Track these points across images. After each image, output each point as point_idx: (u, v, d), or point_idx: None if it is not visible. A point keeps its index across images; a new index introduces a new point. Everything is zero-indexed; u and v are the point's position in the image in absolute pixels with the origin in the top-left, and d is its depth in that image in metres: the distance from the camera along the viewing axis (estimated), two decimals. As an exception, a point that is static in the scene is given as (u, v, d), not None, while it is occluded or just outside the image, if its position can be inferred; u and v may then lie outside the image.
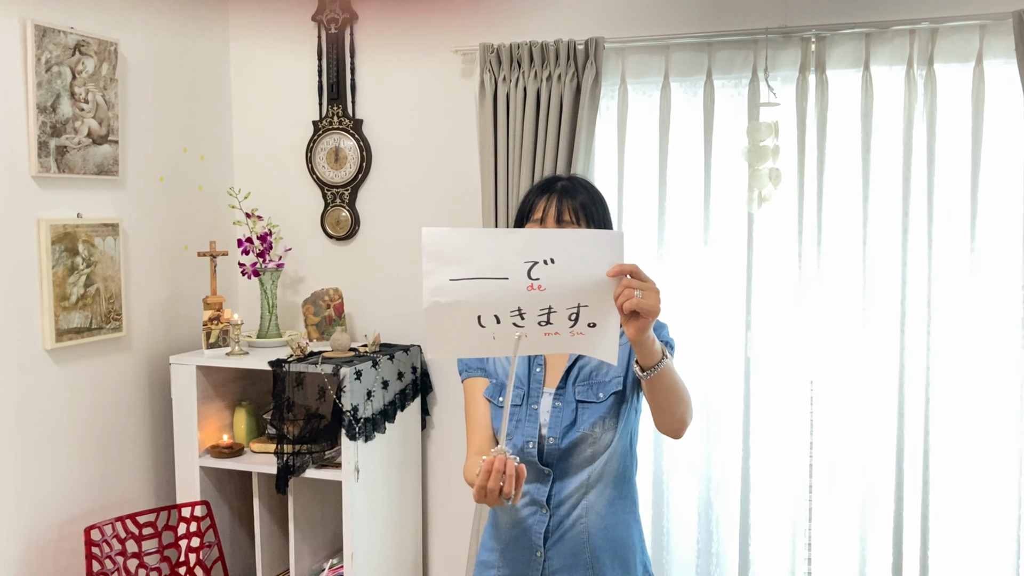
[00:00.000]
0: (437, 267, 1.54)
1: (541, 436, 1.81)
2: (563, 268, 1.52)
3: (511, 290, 1.53)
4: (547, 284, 1.52)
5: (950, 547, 2.90)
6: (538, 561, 1.82)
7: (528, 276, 1.52)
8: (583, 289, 1.53)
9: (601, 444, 1.82)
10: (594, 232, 1.65)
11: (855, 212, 2.90)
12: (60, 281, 2.81)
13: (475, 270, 1.53)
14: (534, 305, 1.53)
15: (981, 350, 2.83)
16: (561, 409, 1.82)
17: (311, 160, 3.52)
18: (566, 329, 1.55)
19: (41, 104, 2.72)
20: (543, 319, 1.54)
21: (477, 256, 1.53)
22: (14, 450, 2.72)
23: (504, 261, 1.52)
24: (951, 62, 2.78)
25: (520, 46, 3.05)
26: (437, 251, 1.55)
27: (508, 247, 1.53)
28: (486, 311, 1.54)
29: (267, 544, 3.27)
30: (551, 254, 1.51)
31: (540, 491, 1.82)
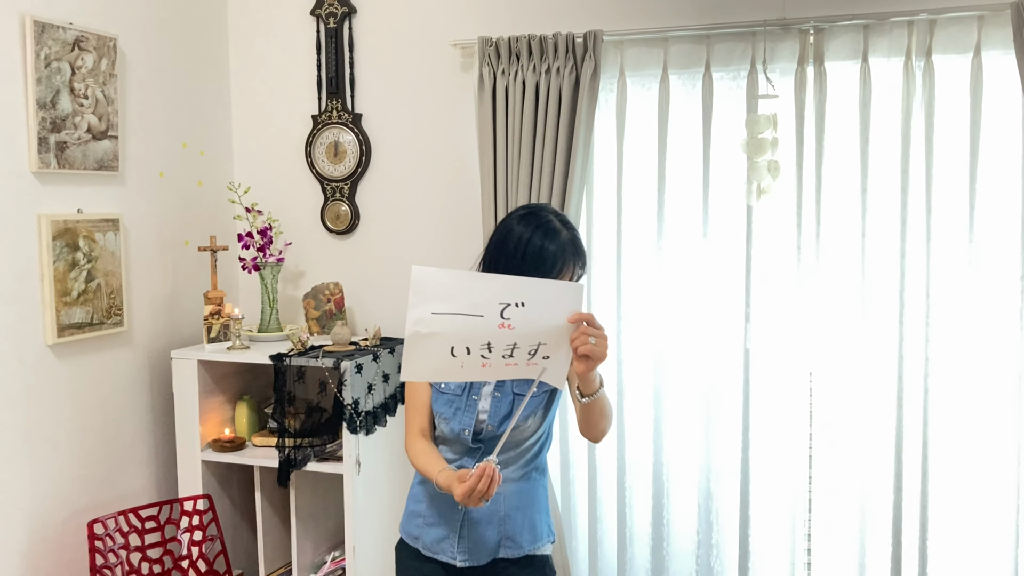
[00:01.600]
0: (422, 301, 1.76)
1: (478, 422, 2.08)
2: (531, 311, 1.76)
3: (484, 327, 1.76)
4: (516, 324, 1.76)
5: (949, 537, 2.91)
6: (459, 514, 2.10)
7: (500, 316, 1.75)
8: (545, 330, 1.77)
9: (529, 431, 2.09)
10: (560, 283, 1.87)
11: (854, 204, 2.91)
12: (61, 276, 2.82)
13: (455, 307, 1.75)
14: (501, 341, 1.77)
15: (980, 341, 2.83)
16: (500, 400, 2.08)
17: (311, 154, 3.53)
18: (524, 361, 1.80)
19: (41, 100, 2.73)
20: (507, 353, 1.78)
21: (458, 295, 1.76)
22: (17, 445, 2.73)
23: (481, 301, 1.75)
24: (949, 53, 2.78)
25: (519, 39, 3.05)
26: (424, 287, 1.76)
27: (487, 290, 1.76)
28: (459, 343, 1.77)
29: (269, 537, 3.29)
30: (523, 299, 1.75)
31: (469, 462, 2.07)
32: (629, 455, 3.18)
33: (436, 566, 2.14)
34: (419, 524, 2.17)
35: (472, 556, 2.11)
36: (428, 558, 2.15)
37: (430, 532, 2.15)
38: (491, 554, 2.11)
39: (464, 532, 2.10)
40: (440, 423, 2.12)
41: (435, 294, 1.75)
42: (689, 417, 3.13)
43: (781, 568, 3.09)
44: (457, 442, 2.11)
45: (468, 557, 2.11)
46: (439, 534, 2.13)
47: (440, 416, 2.12)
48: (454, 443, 2.12)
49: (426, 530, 2.15)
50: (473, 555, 2.11)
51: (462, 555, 2.11)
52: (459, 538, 2.11)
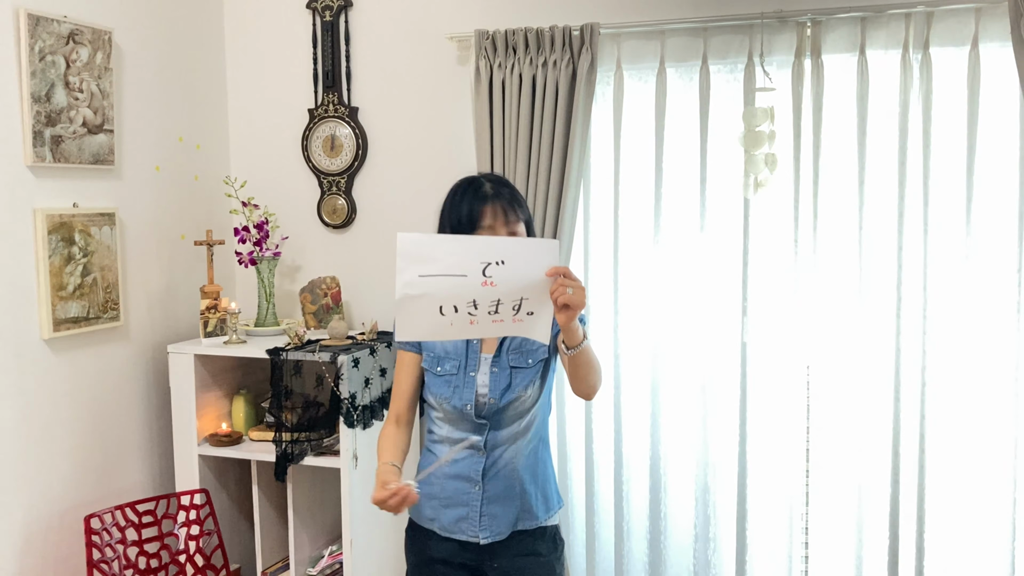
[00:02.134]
0: (408, 265, 1.85)
1: (478, 396, 2.15)
2: (511, 268, 1.85)
3: (468, 286, 1.86)
4: (498, 281, 1.86)
5: (946, 528, 2.91)
6: (477, 493, 2.18)
7: (483, 274, 1.85)
8: (526, 285, 1.86)
9: (529, 401, 2.18)
10: (537, 240, 1.99)
11: (851, 197, 2.91)
12: (57, 271, 2.81)
13: (440, 268, 1.85)
14: (486, 298, 1.86)
15: (977, 335, 2.84)
16: (498, 374, 2.16)
17: (307, 148, 3.52)
18: (510, 317, 1.89)
19: (35, 93, 2.72)
20: (492, 309, 1.88)
21: (442, 257, 1.86)
22: (13, 440, 2.73)
23: (463, 262, 1.85)
24: (947, 46, 2.78)
25: (515, 32, 3.05)
26: (409, 252, 1.85)
27: (468, 251, 1.86)
28: (447, 302, 1.87)
29: (266, 532, 3.29)
30: (502, 257, 1.85)
31: (478, 440, 2.16)
32: (626, 449, 3.18)
33: (454, 545, 2.20)
34: (435, 506, 2.21)
35: (493, 532, 2.18)
36: (446, 538, 2.21)
37: (448, 513, 2.20)
38: (511, 527, 2.19)
39: (484, 510, 2.17)
40: (443, 404, 2.18)
41: (420, 258, 1.85)
42: (686, 411, 3.13)
43: (779, 561, 3.09)
44: (463, 419, 2.16)
45: (490, 534, 2.18)
46: (458, 514, 2.19)
47: (441, 397, 2.18)
48: (460, 421, 2.17)
49: (443, 511, 2.20)
50: (494, 531, 2.18)
51: (484, 532, 2.18)
52: (480, 516, 2.18)
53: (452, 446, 2.18)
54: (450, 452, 2.17)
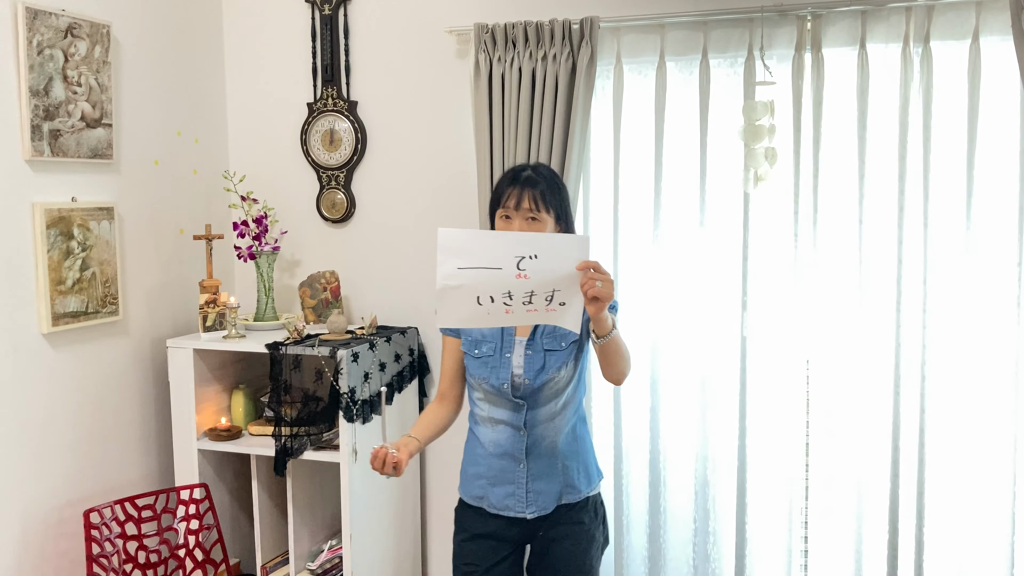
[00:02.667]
0: (448, 258, 1.99)
1: (514, 376, 2.29)
2: (544, 262, 1.98)
3: (503, 278, 1.99)
4: (531, 274, 1.99)
5: (945, 524, 2.91)
6: (522, 470, 2.32)
7: (517, 267, 1.98)
8: (558, 278, 2.00)
9: (563, 381, 2.30)
10: (568, 236, 2.11)
11: (851, 191, 2.90)
12: (56, 265, 2.80)
13: (477, 262, 1.99)
14: (520, 289, 2.00)
15: (977, 329, 2.83)
16: (532, 357, 2.29)
17: (306, 143, 3.51)
18: (543, 307, 2.02)
19: (33, 87, 2.71)
20: (526, 300, 2.01)
21: (479, 251, 1.99)
22: (12, 434, 2.72)
23: (499, 256, 1.98)
24: (947, 39, 2.77)
25: (515, 26, 3.04)
26: (449, 246, 2.00)
27: (503, 245, 1.99)
28: (483, 293, 2.01)
29: (266, 526, 3.29)
30: (535, 251, 1.98)
31: (517, 418, 2.31)
32: (626, 443, 3.18)
33: (502, 521, 2.35)
34: (482, 484, 2.36)
35: (539, 507, 2.32)
36: (494, 515, 2.36)
37: (495, 491, 2.34)
38: (555, 501, 2.33)
39: (529, 487, 2.31)
40: (482, 383, 2.32)
41: (459, 251, 1.99)
42: (686, 405, 3.12)
43: (778, 556, 3.09)
44: (501, 397, 2.30)
45: (536, 509, 2.32)
46: (505, 492, 2.33)
47: (480, 377, 2.32)
48: (499, 400, 2.31)
49: (491, 489, 2.35)
50: (540, 506, 2.32)
51: (531, 508, 2.32)
52: (526, 493, 2.32)
53: (494, 426, 2.32)
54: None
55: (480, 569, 2.35)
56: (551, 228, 2.24)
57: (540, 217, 2.21)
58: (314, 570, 3.20)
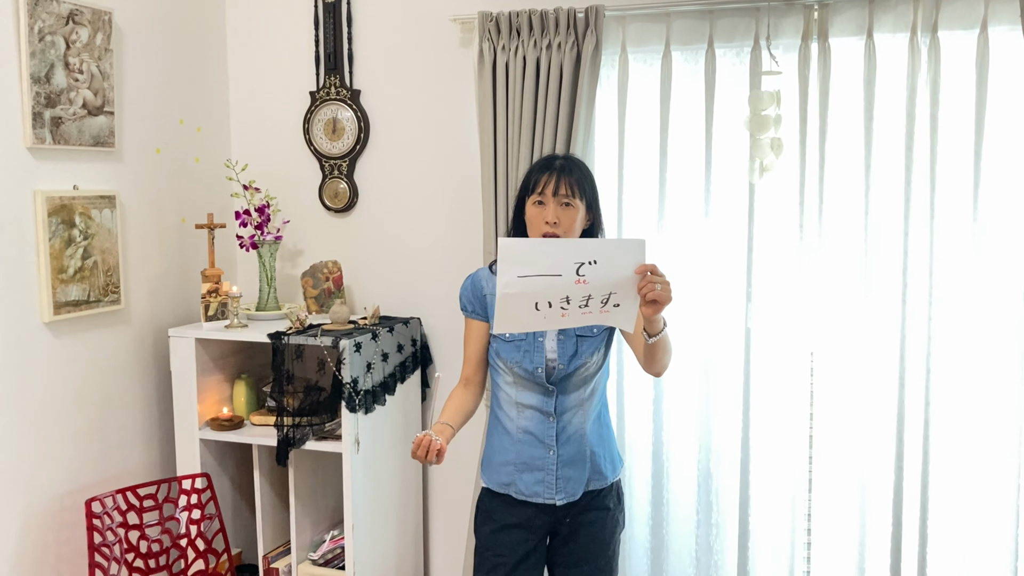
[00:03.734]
0: (509, 267, 2.00)
1: (548, 361, 2.31)
2: (602, 267, 2.00)
3: (562, 284, 2.01)
4: (590, 279, 2.01)
5: (949, 517, 2.91)
6: (552, 457, 2.33)
7: (576, 273, 2.00)
8: (615, 282, 2.02)
9: (594, 367, 2.35)
10: (625, 240, 2.19)
11: (857, 182, 2.88)
12: (57, 254, 2.79)
13: (537, 269, 2.00)
14: (577, 294, 2.02)
15: (983, 321, 2.82)
16: (564, 342, 2.31)
17: (308, 131, 3.49)
18: (598, 309, 2.05)
19: (35, 74, 2.69)
20: (583, 304, 2.04)
21: (539, 259, 2.01)
22: (14, 423, 2.71)
23: (559, 263, 2.00)
24: (955, 29, 2.75)
25: (519, 14, 3.02)
26: (509, 255, 2.01)
27: (563, 252, 2.02)
28: (542, 299, 2.03)
29: (268, 516, 3.28)
30: (594, 257, 2.00)
31: (547, 404, 2.32)
32: (629, 434, 3.17)
33: (531, 509, 2.36)
34: (510, 471, 2.36)
35: (568, 494, 2.34)
36: (522, 502, 2.36)
37: (524, 478, 2.35)
38: (583, 487, 2.35)
39: (559, 473, 2.33)
40: (514, 367, 2.32)
41: (519, 260, 2.00)
42: (689, 397, 3.11)
43: (781, 548, 3.08)
44: (533, 382, 2.31)
45: (565, 495, 2.34)
46: (534, 478, 2.34)
47: (512, 361, 2.32)
48: (531, 385, 2.32)
49: (519, 476, 2.35)
50: (568, 492, 2.34)
51: (560, 495, 2.33)
52: (556, 479, 2.33)
53: (521, 411, 2.34)
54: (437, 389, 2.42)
55: (510, 561, 2.35)
56: (582, 215, 2.25)
57: (574, 203, 2.23)
58: (316, 560, 3.20)
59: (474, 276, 2.43)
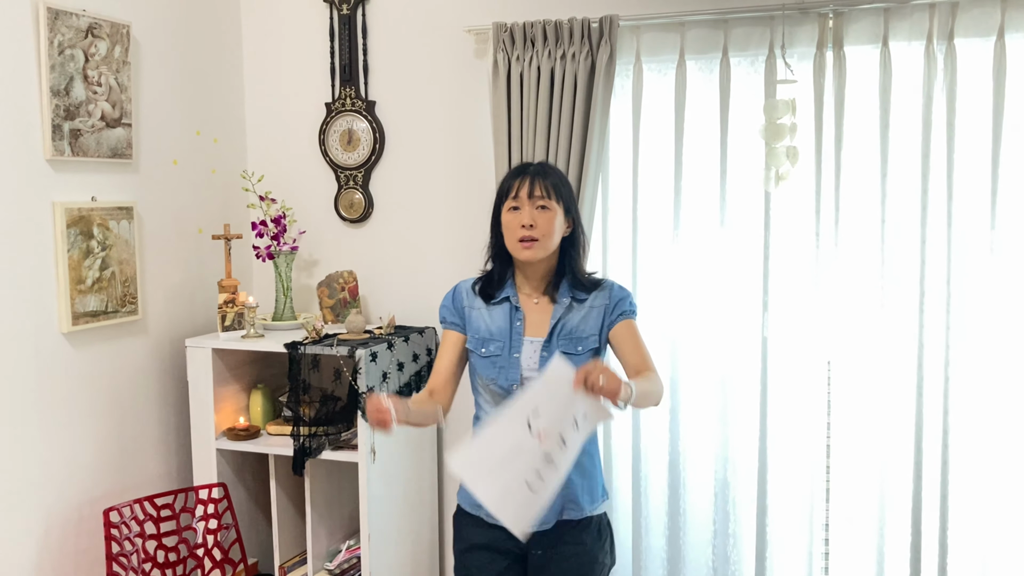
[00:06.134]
0: (477, 476, 1.98)
1: (524, 378, 2.21)
2: (546, 409, 1.94)
3: (529, 449, 1.94)
4: (546, 427, 1.94)
5: (969, 527, 2.88)
6: None
7: (530, 432, 1.93)
8: (568, 408, 1.95)
9: None
10: (545, 373, 2.02)
11: (873, 190, 2.87)
12: (76, 264, 2.81)
13: (499, 459, 1.94)
14: (550, 446, 1.94)
15: (1002, 330, 2.80)
16: (547, 359, 2.18)
17: (324, 142, 3.51)
18: (573, 434, 1.96)
19: (54, 87, 2.72)
20: (560, 445, 1.95)
21: (493, 448, 1.96)
22: (33, 433, 2.73)
23: (510, 435, 1.94)
24: (971, 37, 2.74)
25: (534, 25, 3.02)
26: (468, 467, 1.99)
27: (507, 426, 1.95)
28: (526, 473, 1.94)
29: (284, 526, 3.29)
30: (533, 405, 1.95)
31: None
32: (645, 444, 3.16)
33: (500, 532, 2.18)
34: None
35: (539, 521, 2.16)
36: (492, 525, 2.20)
37: None
38: (556, 516, 2.23)
39: None
40: (490, 384, 2.25)
41: (479, 464, 1.97)
42: (706, 406, 3.10)
43: (799, 558, 3.06)
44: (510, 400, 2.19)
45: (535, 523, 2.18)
46: None
47: (487, 378, 2.25)
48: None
49: None
50: (540, 520, 2.17)
51: None
52: None
53: None
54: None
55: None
56: (560, 219, 2.19)
57: (550, 205, 2.17)
58: (332, 570, 3.20)
59: (456, 288, 2.38)
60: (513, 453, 1.94)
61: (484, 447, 1.99)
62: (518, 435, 1.94)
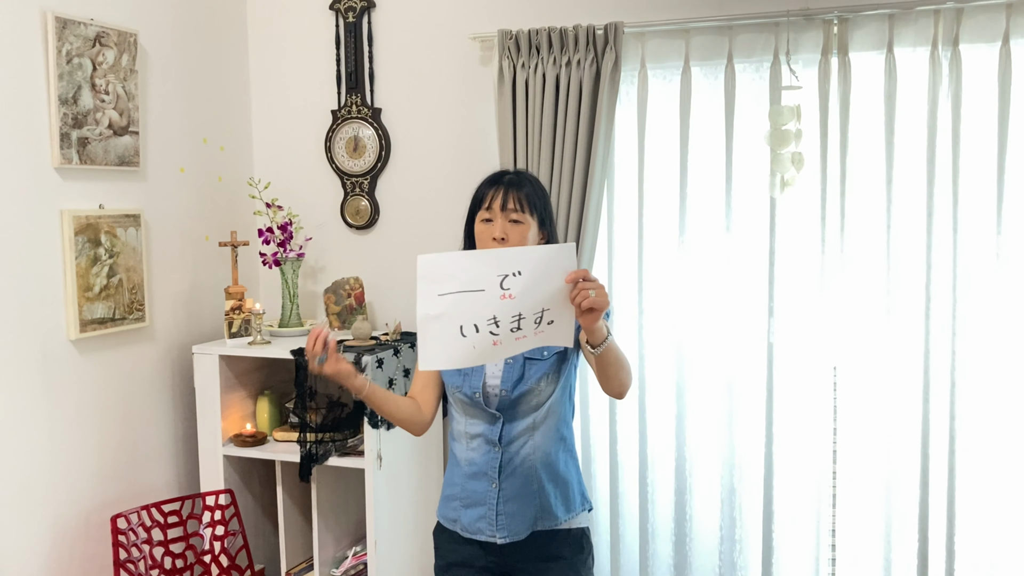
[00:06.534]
0: (428, 286, 1.84)
1: (487, 386, 2.15)
2: (529, 278, 1.81)
3: (487, 301, 1.82)
4: (516, 293, 1.82)
5: (976, 535, 2.87)
6: (494, 491, 2.15)
7: (501, 287, 1.82)
8: (545, 294, 1.82)
9: (544, 394, 2.15)
10: (552, 247, 1.88)
11: (879, 196, 2.87)
12: (83, 272, 2.83)
13: (457, 285, 1.82)
14: (506, 313, 1.83)
15: (1008, 335, 2.79)
16: (512, 366, 2.14)
17: (330, 149, 3.52)
18: (532, 331, 1.85)
19: (63, 96, 2.73)
20: (514, 326, 1.84)
21: (459, 273, 1.83)
22: (41, 440, 2.74)
23: (480, 276, 1.82)
24: (977, 42, 2.74)
25: (539, 32, 3.03)
26: (428, 273, 1.84)
27: (484, 264, 1.83)
28: (467, 322, 1.84)
29: (291, 532, 3.29)
30: (519, 267, 1.81)
31: (492, 432, 2.15)
32: (651, 450, 3.16)
33: (476, 547, 2.19)
34: (455, 507, 2.21)
35: (511, 532, 2.14)
36: (467, 539, 2.19)
37: (467, 513, 2.19)
38: (529, 527, 2.15)
39: (500, 508, 2.15)
40: (455, 392, 2.18)
41: (439, 277, 1.84)
42: (712, 412, 3.10)
43: (806, 564, 3.06)
44: (476, 408, 2.16)
45: (508, 533, 2.15)
46: (476, 514, 2.17)
47: (453, 386, 2.18)
48: (475, 412, 2.17)
49: (463, 512, 2.20)
50: (511, 530, 2.14)
51: (501, 532, 2.15)
52: (496, 515, 2.15)
53: (469, 441, 2.18)
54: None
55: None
56: (534, 232, 2.11)
57: (523, 219, 2.08)
58: (338, 576, 3.21)
59: None
60: (470, 288, 1.82)
61: (452, 264, 1.86)
62: (487, 279, 1.82)
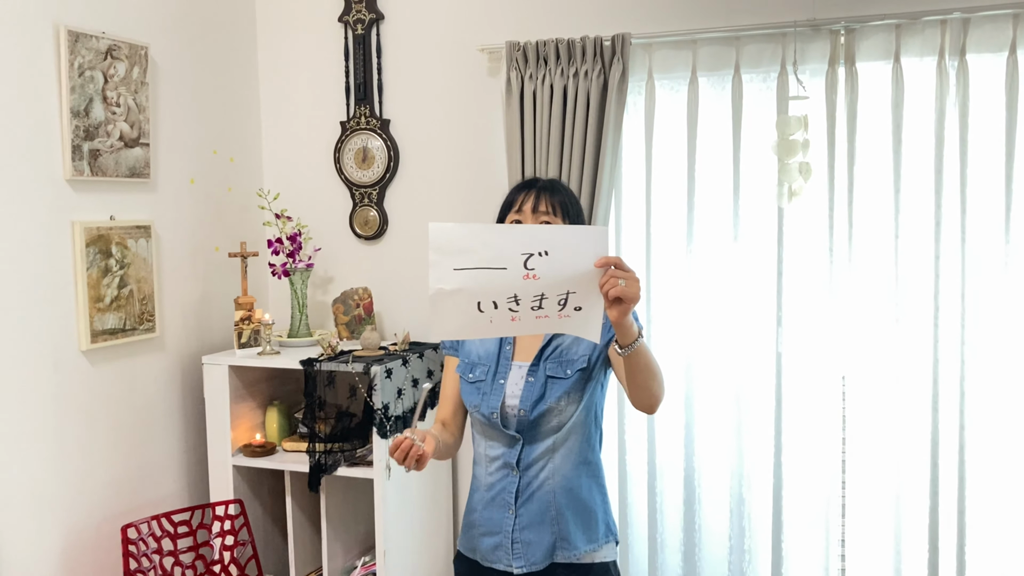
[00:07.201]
0: (442, 258, 1.70)
1: (505, 406, 2.03)
2: (555, 259, 1.68)
3: (508, 279, 1.69)
4: (541, 273, 1.69)
5: (986, 544, 2.86)
6: (510, 518, 2.05)
7: (524, 267, 1.68)
8: (572, 278, 1.69)
9: (566, 415, 2.02)
10: (583, 228, 1.79)
11: (886, 206, 2.88)
12: (94, 283, 2.84)
13: (476, 261, 1.69)
14: (528, 292, 1.70)
15: (1017, 344, 2.79)
16: (532, 384, 2.03)
17: (339, 160, 3.54)
18: (555, 313, 1.72)
19: (74, 108, 2.76)
20: (535, 304, 1.71)
21: (479, 248, 1.69)
22: (51, 450, 2.76)
23: (503, 253, 1.69)
24: (983, 52, 2.75)
25: (546, 43, 3.05)
26: (442, 244, 1.70)
27: (507, 240, 1.70)
28: (485, 298, 1.71)
29: (300, 542, 3.30)
30: (545, 247, 1.68)
31: (511, 455, 2.04)
32: (660, 460, 3.16)
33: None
34: (474, 535, 2.13)
35: (528, 562, 2.03)
36: (487, 568, 2.10)
37: (485, 541, 2.10)
38: (547, 557, 2.03)
39: (516, 536, 2.04)
40: (474, 412, 2.09)
41: (455, 249, 1.70)
42: (721, 422, 3.10)
43: (815, 574, 3.05)
44: (493, 430, 2.05)
45: (524, 563, 2.04)
46: (493, 542, 2.08)
47: (471, 405, 2.08)
48: (493, 433, 2.06)
49: (481, 540, 2.10)
50: (528, 560, 2.04)
51: (518, 561, 2.04)
52: (512, 543, 2.05)
53: (488, 464, 2.08)
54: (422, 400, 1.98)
55: None
56: None
57: (554, 223, 1.98)
58: (347, 586, 3.21)
59: None
60: (491, 265, 1.69)
61: (470, 236, 1.71)
62: (511, 257, 1.69)
